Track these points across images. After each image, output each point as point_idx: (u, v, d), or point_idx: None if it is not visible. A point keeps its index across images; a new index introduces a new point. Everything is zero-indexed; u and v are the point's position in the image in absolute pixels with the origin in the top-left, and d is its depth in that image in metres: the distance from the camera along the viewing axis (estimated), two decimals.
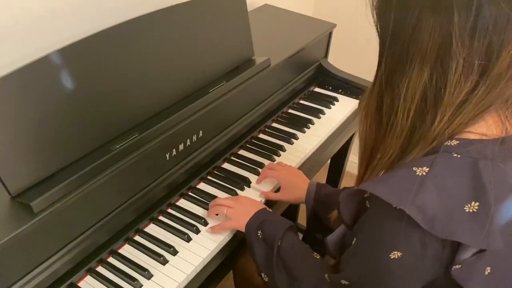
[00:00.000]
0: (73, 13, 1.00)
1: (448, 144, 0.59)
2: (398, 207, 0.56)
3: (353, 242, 0.69)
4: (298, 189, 1.03)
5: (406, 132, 0.61)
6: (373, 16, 0.61)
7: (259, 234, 0.87)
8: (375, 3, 0.60)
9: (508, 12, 0.52)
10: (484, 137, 0.59)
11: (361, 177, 0.71)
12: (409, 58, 0.58)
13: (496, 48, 0.54)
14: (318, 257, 0.85)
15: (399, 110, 0.60)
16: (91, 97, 0.83)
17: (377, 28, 0.62)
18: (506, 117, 0.60)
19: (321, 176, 1.58)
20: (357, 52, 1.76)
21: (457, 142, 0.58)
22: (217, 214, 0.96)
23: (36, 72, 0.75)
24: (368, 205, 0.66)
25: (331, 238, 0.80)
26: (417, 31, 0.56)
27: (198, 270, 0.88)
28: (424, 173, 0.57)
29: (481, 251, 0.57)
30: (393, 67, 0.60)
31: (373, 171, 0.67)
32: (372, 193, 0.60)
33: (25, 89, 0.74)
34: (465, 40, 0.53)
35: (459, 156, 0.57)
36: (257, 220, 0.89)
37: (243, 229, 0.90)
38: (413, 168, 0.58)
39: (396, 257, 0.59)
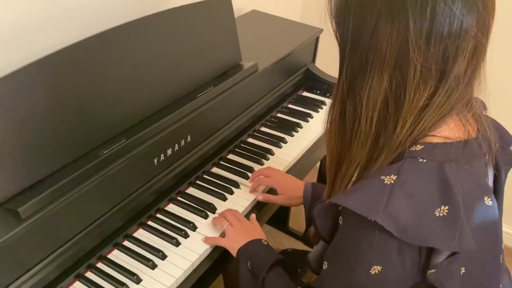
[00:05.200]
0: (60, 20, 1.01)
1: (413, 149, 0.59)
2: (371, 219, 0.55)
3: (325, 267, 0.66)
4: (296, 191, 1.03)
5: (371, 140, 0.61)
6: (332, 25, 0.62)
7: (248, 265, 0.86)
8: (333, 12, 0.61)
9: (462, 18, 0.53)
10: (447, 140, 0.60)
11: (331, 186, 0.71)
12: (368, 65, 0.58)
13: (452, 53, 0.55)
14: None
15: (362, 118, 0.60)
16: (78, 103, 0.83)
17: (336, 37, 0.62)
18: (467, 120, 0.61)
19: (311, 179, 1.59)
20: None
21: (422, 146, 0.59)
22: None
23: (23, 79, 0.75)
24: (341, 221, 0.63)
25: (312, 256, 0.79)
26: (375, 39, 0.56)
27: (187, 274, 0.88)
28: (392, 181, 0.57)
29: (454, 253, 0.57)
30: (354, 74, 0.60)
31: (343, 180, 0.67)
32: (343, 206, 0.59)
33: (12, 95, 0.74)
34: (422, 46, 0.54)
35: (424, 160, 0.58)
36: (248, 249, 0.88)
37: (234, 252, 0.89)
38: (381, 177, 0.58)
39: (377, 272, 0.58)
